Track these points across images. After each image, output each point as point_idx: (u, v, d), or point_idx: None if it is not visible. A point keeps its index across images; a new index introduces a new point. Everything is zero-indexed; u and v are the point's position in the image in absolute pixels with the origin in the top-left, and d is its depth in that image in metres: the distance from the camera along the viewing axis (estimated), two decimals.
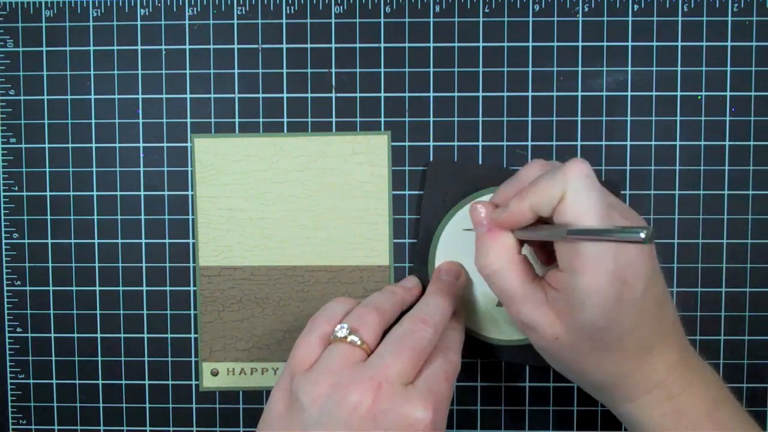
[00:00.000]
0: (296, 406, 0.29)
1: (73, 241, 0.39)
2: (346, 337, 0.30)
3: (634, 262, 0.27)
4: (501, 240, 0.31)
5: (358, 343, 0.30)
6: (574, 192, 0.27)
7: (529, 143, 0.38)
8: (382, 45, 0.38)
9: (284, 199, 0.39)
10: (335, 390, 0.28)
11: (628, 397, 0.30)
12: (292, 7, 0.38)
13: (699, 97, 0.38)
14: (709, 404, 0.30)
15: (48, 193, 0.39)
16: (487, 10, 0.38)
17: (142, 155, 0.39)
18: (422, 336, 0.31)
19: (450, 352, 0.32)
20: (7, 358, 0.40)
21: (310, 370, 0.30)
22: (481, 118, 0.38)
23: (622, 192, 0.38)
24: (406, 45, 0.38)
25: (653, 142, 0.38)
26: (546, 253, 0.34)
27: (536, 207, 0.28)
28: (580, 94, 0.38)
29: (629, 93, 0.38)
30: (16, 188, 0.39)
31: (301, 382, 0.30)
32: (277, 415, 0.30)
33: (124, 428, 0.40)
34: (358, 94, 0.38)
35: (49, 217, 0.39)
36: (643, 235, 0.24)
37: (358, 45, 0.38)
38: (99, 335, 0.40)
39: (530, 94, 0.38)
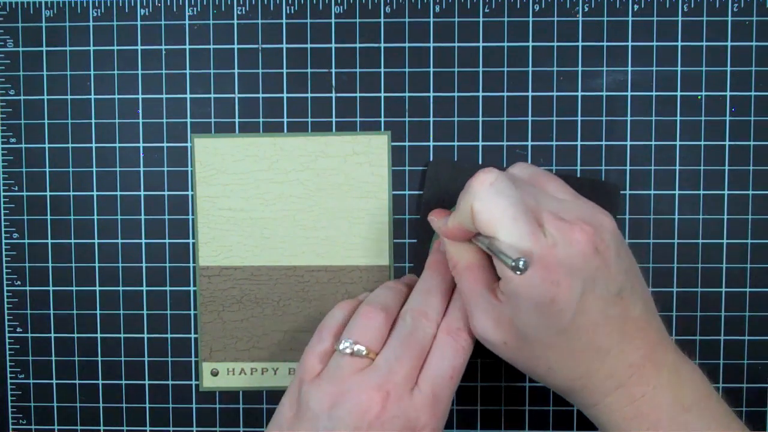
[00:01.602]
0: (307, 415, 0.30)
1: (73, 241, 0.39)
2: (351, 353, 0.31)
3: (569, 263, 0.26)
4: (458, 244, 0.31)
5: (364, 353, 0.30)
6: (478, 203, 0.27)
7: (529, 143, 0.38)
8: (382, 45, 0.38)
9: (284, 199, 0.39)
10: (345, 397, 0.29)
11: (591, 400, 0.30)
12: (292, 7, 0.38)
13: (699, 97, 0.38)
14: (676, 407, 0.28)
15: (48, 193, 0.39)
16: (487, 10, 0.38)
17: (142, 155, 0.39)
18: (425, 333, 0.31)
19: (461, 333, 0.32)
20: (7, 358, 0.40)
21: (319, 378, 0.31)
22: (481, 118, 0.38)
23: (622, 192, 0.38)
24: (406, 45, 0.38)
25: (653, 142, 0.38)
26: None
27: (462, 223, 0.29)
28: (580, 94, 0.38)
29: (629, 93, 0.38)
30: (16, 188, 0.39)
31: (309, 390, 0.30)
32: (286, 424, 0.31)
33: (124, 428, 0.40)
34: (358, 94, 0.38)
35: (49, 217, 0.39)
36: (514, 265, 0.25)
37: (358, 45, 0.38)
38: (99, 335, 0.40)
39: (530, 94, 0.38)
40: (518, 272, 0.25)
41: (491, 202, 0.27)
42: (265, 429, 0.32)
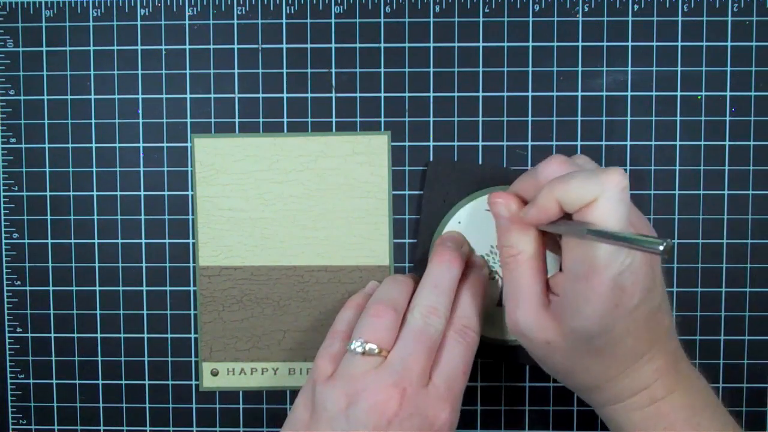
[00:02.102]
0: (323, 416, 0.30)
1: (73, 241, 0.39)
2: (363, 352, 0.31)
3: (636, 271, 0.27)
4: (524, 234, 0.31)
5: (376, 351, 0.31)
6: (607, 200, 0.27)
7: (529, 143, 0.38)
8: (382, 45, 0.38)
9: (284, 199, 0.39)
10: (361, 396, 0.29)
11: (613, 399, 0.31)
12: (292, 7, 0.38)
13: (699, 97, 0.38)
14: (689, 409, 0.30)
15: (48, 193, 0.39)
16: (487, 10, 0.38)
17: (142, 155, 0.39)
18: (435, 328, 0.31)
19: (468, 331, 0.33)
20: (7, 358, 0.40)
21: (332, 379, 0.31)
22: (481, 118, 0.38)
23: None
24: (406, 45, 0.38)
25: (653, 142, 0.38)
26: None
27: (564, 201, 0.28)
28: (580, 94, 0.38)
29: (629, 93, 0.38)
30: (16, 188, 0.39)
31: (324, 390, 0.30)
32: (302, 426, 0.31)
33: (124, 428, 0.40)
34: (358, 94, 0.38)
35: (49, 217, 0.39)
36: (661, 248, 0.24)
37: (358, 45, 0.38)
38: (99, 335, 0.40)
39: (530, 94, 0.38)
40: (665, 256, 0.24)
41: (616, 206, 0.27)
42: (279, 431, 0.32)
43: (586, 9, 0.37)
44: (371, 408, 0.29)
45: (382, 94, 0.38)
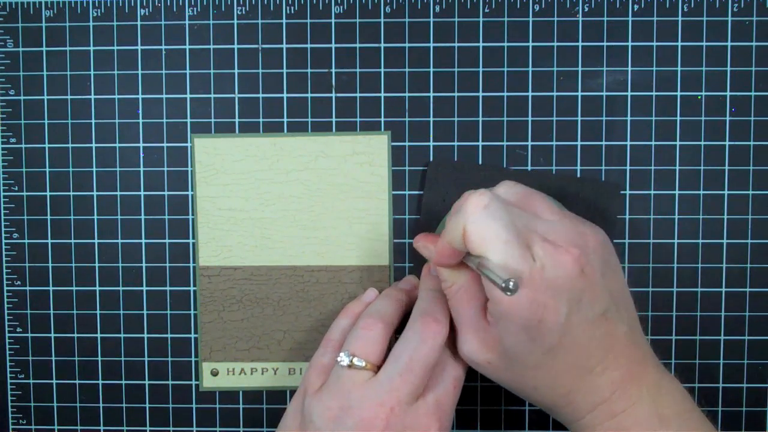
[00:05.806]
0: (310, 427, 0.30)
1: (73, 241, 0.39)
2: (350, 365, 0.31)
3: (556, 285, 0.27)
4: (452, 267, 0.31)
5: (363, 365, 0.31)
6: (470, 225, 0.27)
7: (529, 143, 0.38)
8: (382, 45, 0.38)
9: (284, 199, 0.39)
10: (347, 413, 0.29)
11: (574, 416, 0.30)
12: (292, 7, 0.38)
13: (699, 97, 0.38)
14: (655, 421, 0.29)
15: (48, 193, 0.39)
16: (487, 10, 0.38)
17: (142, 155, 0.39)
18: (434, 344, 0.30)
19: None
20: (7, 358, 0.40)
21: (320, 391, 0.31)
22: (481, 118, 0.38)
23: (622, 192, 0.38)
24: (406, 45, 0.38)
25: (653, 142, 0.38)
26: None
27: (451, 243, 0.28)
28: (580, 94, 0.38)
29: (629, 93, 0.38)
30: (16, 188, 0.39)
31: (312, 403, 0.31)
32: None
33: (124, 428, 0.40)
34: (358, 94, 0.38)
35: (49, 217, 0.39)
36: (504, 285, 0.25)
37: (358, 45, 0.38)
38: (99, 335, 0.40)
39: (530, 94, 0.38)
40: (508, 293, 0.25)
41: (484, 224, 0.27)
42: None
43: (586, 9, 0.37)
44: (357, 425, 0.29)
45: (382, 94, 0.38)
